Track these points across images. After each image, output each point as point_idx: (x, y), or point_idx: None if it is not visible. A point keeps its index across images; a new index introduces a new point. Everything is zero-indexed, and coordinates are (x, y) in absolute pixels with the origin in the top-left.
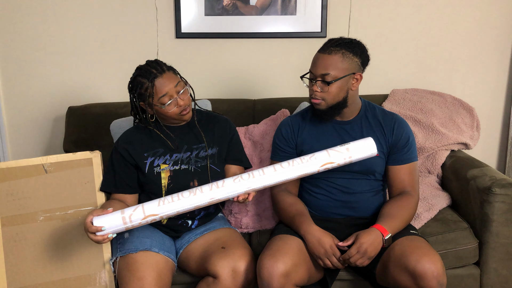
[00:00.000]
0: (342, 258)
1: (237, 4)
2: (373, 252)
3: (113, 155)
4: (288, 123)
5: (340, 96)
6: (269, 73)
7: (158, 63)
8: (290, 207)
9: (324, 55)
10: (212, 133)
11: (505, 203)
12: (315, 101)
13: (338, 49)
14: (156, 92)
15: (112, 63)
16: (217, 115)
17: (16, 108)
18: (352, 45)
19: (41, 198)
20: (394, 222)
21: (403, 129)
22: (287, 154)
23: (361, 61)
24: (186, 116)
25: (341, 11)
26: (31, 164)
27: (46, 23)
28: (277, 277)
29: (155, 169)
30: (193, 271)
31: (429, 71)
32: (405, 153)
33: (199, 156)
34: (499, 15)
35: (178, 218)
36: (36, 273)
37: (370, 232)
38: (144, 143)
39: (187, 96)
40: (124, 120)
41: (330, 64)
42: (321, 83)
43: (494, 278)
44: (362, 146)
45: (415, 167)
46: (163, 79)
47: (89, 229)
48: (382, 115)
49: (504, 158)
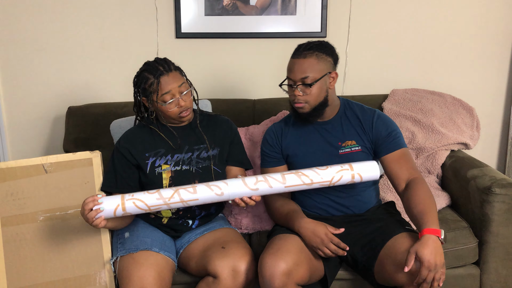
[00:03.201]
0: (416, 283)
1: (237, 4)
2: (441, 259)
3: (114, 155)
4: (272, 130)
5: (322, 96)
6: (269, 73)
7: (166, 62)
8: (282, 207)
9: (299, 59)
10: (213, 134)
11: (505, 203)
12: (298, 105)
13: (312, 51)
14: (159, 88)
15: (112, 63)
16: (218, 116)
17: (16, 108)
18: (322, 46)
19: (41, 198)
20: (432, 214)
21: (382, 122)
22: (275, 159)
23: (333, 60)
24: (185, 118)
25: (341, 11)
26: (31, 164)
27: (46, 23)
28: (279, 275)
29: (157, 169)
30: (193, 271)
31: (429, 71)
32: (390, 141)
33: (200, 157)
34: (499, 15)
35: (178, 218)
36: (36, 273)
37: (426, 242)
38: (146, 143)
39: (189, 98)
40: (124, 120)
41: (307, 67)
42: (302, 86)
43: (494, 278)
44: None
45: (407, 152)
46: (168, 77)
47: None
48: (361, 111)
49: (504, 158)
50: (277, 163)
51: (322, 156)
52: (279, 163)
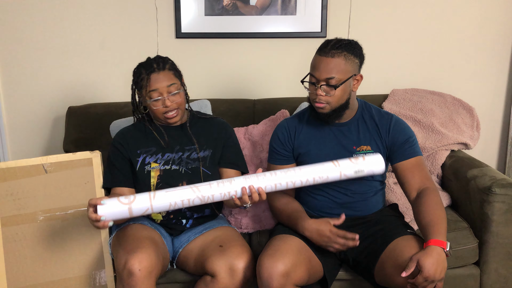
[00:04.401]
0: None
1: (237, 4)
2: (443, 273)
3: (110, 151)
4: (284, 126)
5: (344, 98)
6: (269, 73)
7: (163, 60)
8: (286, 206)
9: (326, 58)
10: (206, 135)
11: (505, 203)
12: (319, 105)
13: (340, 51)
14: (148, 85)
15: (112, 63)
16: (215, 119)
17: (16, 108)
18: (352, 46)
19: (41, 198)
20: (441, 226)
21: (400, 129)
22: (284, 157)
23: (360, 61)
24: (171, 119)
25: (341, 11)
26: (31, 164)
27: (46, 23)
28: (277, 277)
29: (146, 167)
30: (192, 270)
31: (429, 71)
32: (406, 148)
33: (190, 158)
34: (499, 15)
35: (173, 217)
36: (36, 273)
37: (430, 253)
38: (138, 140)
39: (178, 100)
40: (124, 120)
41: (333, 67)
42: (326, 87)
43: (494, 278)
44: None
45: (421, 161)
46: (158, 75)
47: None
48: (379, 116)
49: (504, 158)
50: (286, 161)
51: (335, 159)
52: (288, 161)
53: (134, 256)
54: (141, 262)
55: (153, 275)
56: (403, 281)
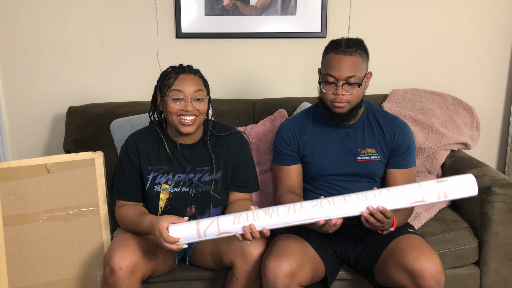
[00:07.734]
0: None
1: (237, 4)
2: (379, 227)
3: (121, 158)
4: (288, 127)
5: (361, 96)
6: (269, 73)
7: (194, 70)
8: None
9: (345, 56)
10: (218, 155)
11: (505, 203)
12: (339, 104)
13: (355, 49)
14: (174, 83)
15: (112, 63)
16: (229, 135)
17: (16, 108)
18: (362, 44)
19: (43, 198)
20: (399, 218)
21: (404, 135)
22: (290, 158)
23: (368, 59)
24: (185, 128)
25: (341, 11)
26: (33, 164)
27: (46, 23)
28: (282, 277)
29: (156, 187)
30: (210, 265)
31: (429, 71)
32: (404, 158)
33: (201, 180)
34: (499, 15)
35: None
36: (37, 273)
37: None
38: (150, 153)
39: (200, 108)
40: (124, 120)
41: (353, 65)
42: (347, 86)
43: (494, 278)
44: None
45: (413, 172)
46: (188, 77)
47: (166, 239)
48: (383, 118)
49: (504, 158)
50: (292, 161)
51: (339, 161)
52: (294, 162)
53: (118, 254)
54: (124, 260)
55: (137, 274)
56: (404, 280)
